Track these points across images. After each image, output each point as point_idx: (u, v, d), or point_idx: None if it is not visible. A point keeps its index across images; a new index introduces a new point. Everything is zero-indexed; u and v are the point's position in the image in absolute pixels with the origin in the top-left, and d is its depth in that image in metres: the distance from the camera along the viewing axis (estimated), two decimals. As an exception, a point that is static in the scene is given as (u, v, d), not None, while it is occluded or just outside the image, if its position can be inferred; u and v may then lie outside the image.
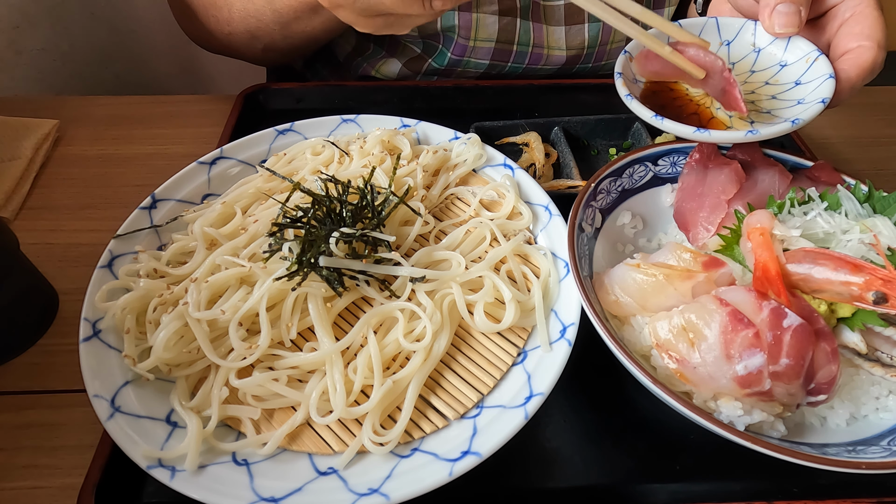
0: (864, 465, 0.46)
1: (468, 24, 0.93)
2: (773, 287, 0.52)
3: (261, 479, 0.48)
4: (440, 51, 0.99)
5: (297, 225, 0.58)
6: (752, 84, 0.66)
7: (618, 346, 0.51)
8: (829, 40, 0.62)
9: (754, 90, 0.66)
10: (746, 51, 0.67)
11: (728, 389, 0.50)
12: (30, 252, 0.64)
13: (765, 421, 0.51)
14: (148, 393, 0.53)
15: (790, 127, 0.57)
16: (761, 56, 0.66)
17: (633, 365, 0.50)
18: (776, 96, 0.64)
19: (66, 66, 1.32)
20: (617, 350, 0.51)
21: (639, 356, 0.55)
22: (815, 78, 0.61)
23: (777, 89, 0.65)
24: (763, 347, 0.48)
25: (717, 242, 0.62)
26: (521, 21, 0.95)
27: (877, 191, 0.62)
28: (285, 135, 0.77)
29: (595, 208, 0.66)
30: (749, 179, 0.66)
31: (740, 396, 0.50)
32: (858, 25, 0.60)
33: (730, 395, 0.50)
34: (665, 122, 0.58)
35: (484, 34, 0.95)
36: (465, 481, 0.47)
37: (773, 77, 0.65)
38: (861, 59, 0.59)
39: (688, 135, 0.58)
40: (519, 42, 0.97)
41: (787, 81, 0.64)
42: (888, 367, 0.53)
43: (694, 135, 0.57)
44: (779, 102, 0.63)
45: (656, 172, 0.71)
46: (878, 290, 0.50)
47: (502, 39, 0.96)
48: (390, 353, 0.55)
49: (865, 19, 0.59)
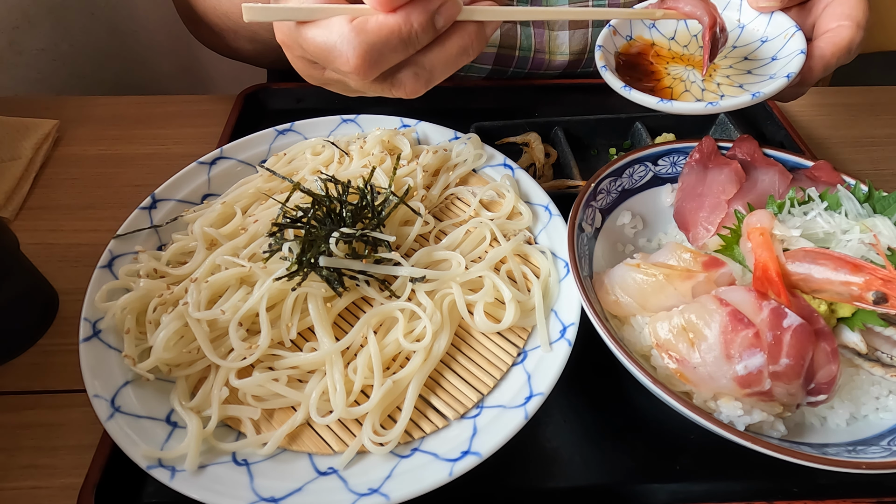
0: (864, 465, 0.46)
1: None
2: (773, 287, 0.52)
3: (261, 479, 0.48)
4: None
5: (297, 225, 0.58)
6: (731, 59, 0.68)
7: (618, 346, 0.51)
8: (815, 21, 0.64)
9: (732, 65, 0.67)
10: (731, 26, 0.68)
11: (728, 389, 0.50)
12: (30, 252, 0.64)
13: (765, 421, 0.50)
14: (148, 393, 0.53)
15: (750, 100, 0.58)
16: (745, 32, 0.68)
17: (633, 365, 0.50)
18: (752, 71, 0.66)
19: (66, 66, 1.32)
20: (617, 350, 0.51)
21: (639, 356, 0.55)
22: (788, 53, 0.63)
23: (755, 64, 0.66)
24: (763, 347, 0.48)
25: (717, 242, 0.62)
26: (523, 27, 0.95)
27: (877, 191, 0.62)
28: (285, 135, 0.77)
29: (595, 208, 0.66)
30: (749, 179, 0.66)
31: (740, 396, 0.50)
32: (841, 6, 0.62)
33: (730, 395, 0.50)
34: (633, 93, 0.60)
35: None
36: (465, 481, 0.47)
37: (753, 52, 0.67)
38: (838, 37, 0.60)
39: (652, 105, 0.60)
40: (521, 47, 0.96)
41: (764, 57, 0.66)
42: (888, 367, 0.53)
43: (658, 105, 0.59)
44: (753, 77, 0.65)
45: (656, 172, 0.71)
46: (878, 290, 0.50)
47: (504, 45, 0.96)
48: (390, 353, 0.55)
49: (848, 0, 0.61)
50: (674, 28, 0.71)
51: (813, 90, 1.01)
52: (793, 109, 0.96)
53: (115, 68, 1.42)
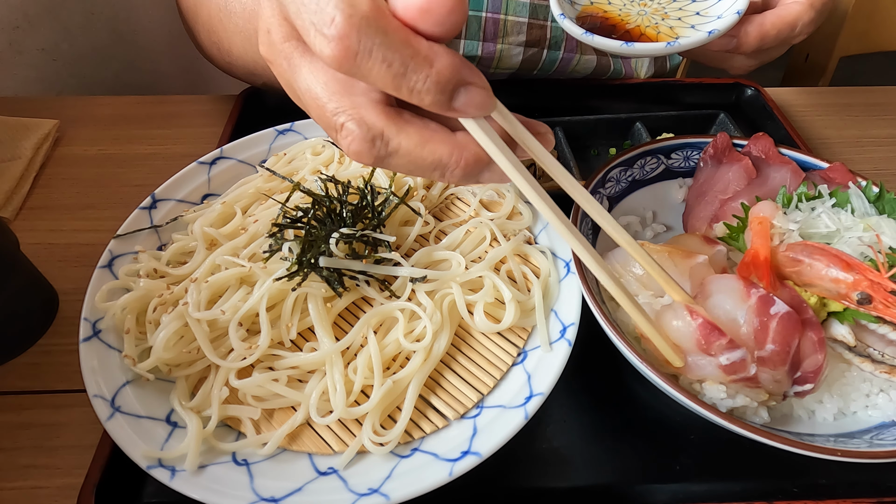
0: (840, 453, 0.46)
1: (491, 55, 0.91)
2: (758, 272, 0.53)
3: (261, 479, 0.48)
4: None
5: (297, 225, 0.58)
6: (684, 11, 0.69)
7: (610, 326, 0.52)
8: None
9: (681, 18, 0.69)
10: None
11: (714, 376, 0.51)
12: (30, 252, 0.64)
13: (748, 406, 0.51)
14: (148, 393, 0.53)
15: (706, 37, 0.60)
16: None
17: (624, 344, 0.51)
18: (695, 26, 0.66)
19: (66, 66, 1.31)
20: (609, 329, 0.52)
21: (631, 338, 0.55)
22: (729, 13, 0.63)
23: (701, 20, 0.67)
24: (743, 344, 0.50)
25: (723, 231, 0.63)
26: (549, 52, 0.94)
27: (888, 192, 0.62)
28: (285, 135, 0.77)
29: (603, 195, 0.66)
30: (760, 175, 0.66)
31: (726, 382, 0.51)
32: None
33: (715, 380, 0.51)
34: (595, 38, 0.62)
35: (506, 64, 0.94)
36: (465, 481, 0.47)
37: (706, 9, 0.68)
38: (785, 11, 0.59)
39: (615, 48, 0.61)
40: (541, 69, 0.96)
41: (712, 15, 0.66)
42: (878, 364, 0.53)
43: (620, 48, 0.61)
44: (702, 19, 0.66)
45: (668, 165, 0.71)
46: (864, 290, 0.51)
47: (524, 67, 0.95)
48: (390, 353, 0.55)
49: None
50: None
51: (813, 90, 1.01)
52: (793, 109, 0.96)
53: (115, 68, 1.42)
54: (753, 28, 0.59)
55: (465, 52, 0.92)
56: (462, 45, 0.91)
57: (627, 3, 0.71)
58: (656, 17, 0.68)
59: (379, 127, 0.37)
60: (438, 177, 0.39)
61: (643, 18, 0.68)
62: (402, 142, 0.37)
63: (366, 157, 0.38)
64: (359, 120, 0.37)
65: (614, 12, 0.70)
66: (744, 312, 0.51)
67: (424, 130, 0.38)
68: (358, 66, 0.34)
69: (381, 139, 0.37)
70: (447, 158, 0.38)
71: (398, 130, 0.37)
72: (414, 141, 0.37)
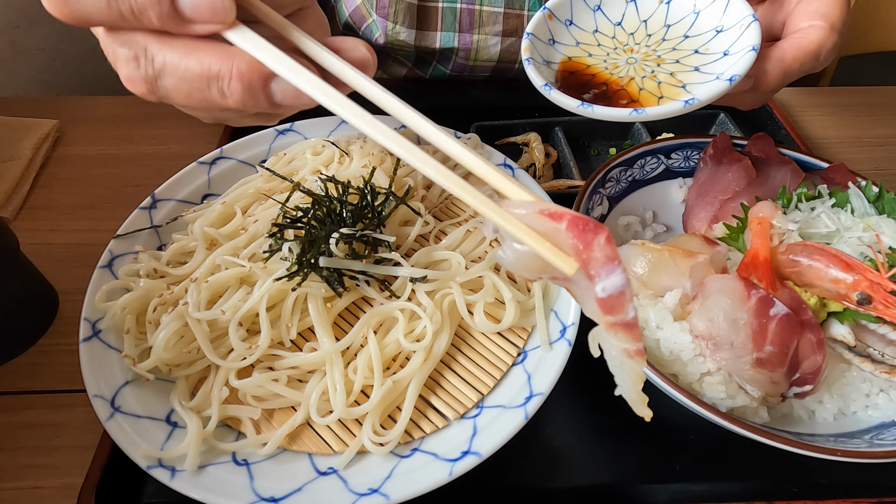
0: (840, 453, 0.46)
1: (468, 45, 0.90)
2: (758, 272, 0.53)
3: (261, 480, 0.48)
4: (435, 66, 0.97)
5: (297, 225, 0.58)
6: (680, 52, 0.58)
7: None
8: (786, 19, 0.55)
9: (680, 59, 0.58)
10: (686, 12, 0.60)
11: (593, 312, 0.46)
12: (30, 252, 0.64)
13: (748, 406, 0.51)
14: (148, 393, 0.53)
15: (682, 108, 0.50)
16: (700, 19, 0.59)
17: None
18: (699, 68, 0.56)
19: (66, 66, 1.32)
20: None
21: None
22: (740, 49, 0.53)
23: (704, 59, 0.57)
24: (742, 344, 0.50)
25: (723, 231, 0.62)
26: None
27: (888, 192, 0.62)
28: (285, 135, 0.77)
29: (603, 195, 0.66)
30: (760, 175, 0.66)
31: (605, 325, 0.47)
32: (815, 3, 0.53)
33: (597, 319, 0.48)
34: (596, 109, 0.52)
35: (485, 56, 0.93)
36: (465, 481, 0.47)
37: (704, 45, 0.57)
38: (805, 39, 0.51)
39: (624, 117, 0.52)
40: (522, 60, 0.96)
41: (716, 51, 0.56)
42: (878, 364, 0.53)
43: (630, 116, 0.52)
44: (700, 76, 0.55)
45: (668, 165, 0.71)
46: (864, 290, 0.51)
47: (504, 59, 0.94)
48: (390, 353, 0.55)
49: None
50: (622, 11, 0.62)
51: (813, 90, 1.01)
52: (793, 109, 0.96)
53: (115, 68, 1.42)
54: (773, 66, 0.51)
55: (442, 43, 0.90)
56: (438, 36, 0.90)
57: (611, 52, 0.60)
58: (649, 64, 0.57)
59: (142, 43, 0.36)
60: (217, 94, 0.36)
61: (634, 68, 0.57)
62: (166, 56, 0.36)
63: (138, 82, 0.38)
64: (125, 41, 0.37)
65: (599, 66, 0.58)
66: (743, 313, 0.51)
67: (190, 42, 0.36)
68: (71, 10, 0.34)
69: (146, 56, 0.36)
70: (217, 65, 0.36)
71: (162, 45, 0.36)
72: (179, 52, 0.36)
